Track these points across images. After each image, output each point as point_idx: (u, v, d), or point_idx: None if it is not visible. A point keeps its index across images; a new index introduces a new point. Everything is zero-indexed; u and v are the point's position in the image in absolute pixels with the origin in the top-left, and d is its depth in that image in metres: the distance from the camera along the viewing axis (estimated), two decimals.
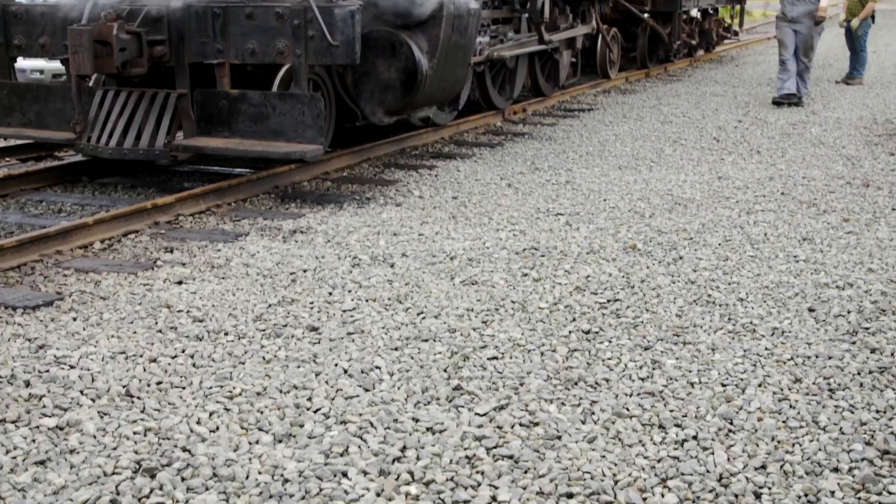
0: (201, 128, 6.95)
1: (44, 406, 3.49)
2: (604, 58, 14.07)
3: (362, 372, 3.79)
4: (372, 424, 3.35)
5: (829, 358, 3.95)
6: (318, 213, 6.52)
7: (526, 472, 3.05)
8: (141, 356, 3.96)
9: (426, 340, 4.14)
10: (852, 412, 3.47)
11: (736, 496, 2.91)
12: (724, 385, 3.69)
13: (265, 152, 6.68)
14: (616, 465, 3.10)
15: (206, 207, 6.56)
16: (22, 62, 10.09)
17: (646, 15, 15.29)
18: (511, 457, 3.13)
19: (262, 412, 3.45)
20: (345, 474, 3.02)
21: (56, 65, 11.11)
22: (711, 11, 19.03)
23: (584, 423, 3.39)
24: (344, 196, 7.01)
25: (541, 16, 10.24)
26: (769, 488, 2.96)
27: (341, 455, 3.14)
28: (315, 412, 3.46)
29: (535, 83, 11.63)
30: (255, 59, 6.80)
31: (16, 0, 7.57)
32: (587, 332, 4.26)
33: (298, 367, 3.86)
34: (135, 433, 3.29)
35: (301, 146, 6.61)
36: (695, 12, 17.92)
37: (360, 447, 3.19)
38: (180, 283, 4.98)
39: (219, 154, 7.11)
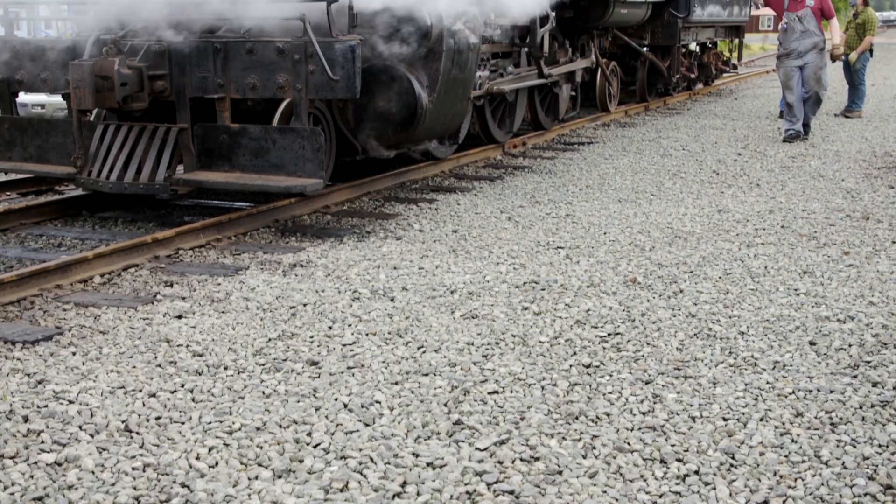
0: (202, 162, 6.97)
1: (42, 441, 3.47)
2: (603, 91, 14.14)
3: (362, 406, 3.77)
4: (372, 459, 3.33)
5: (831, 392, 3.94)
6: (319, 246, 6.53)
7: None
8: (140, 391, 3.95)
9: (426, 374, 4.13)
10: (854, 446, 3.45)
11: None
12: (725, 419, 3.68)
13: (265, 186, 6.69)
14: (618, 500, 3.07)
15: (207, 241, 6.56)
16: (23, 96, 10.13)
17: (645, 49, 15.37)
18: (512, 492, 3.11)
19: (261, 447, 3.44)
20: None
21: (57, 99, 11.16)
22: (710, 45, 19.13)
23: (585, 457, 3.37)
24: (344, 229, 7.01)
25: (540, 50, 10.28)
26: None
27: (341, 490, 3.13)
28: (315, 447, 3.44)
29: (535, 117, 11.67)
30: (256, 93, 6.83)
31: (17, 35, 7.61)
32: (588, 366, 4.24)
33: (298, 401, 3.84)
34: (133, 469, 3.27)
35: (301, 180, 6.62)
36: (693, 46, 18.01)
37: (359, 482, 3.17)
38: (180, 317, 4.97)
39: (219, 188, 7.12)
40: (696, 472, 3.25)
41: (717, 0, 17.49)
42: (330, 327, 4.77)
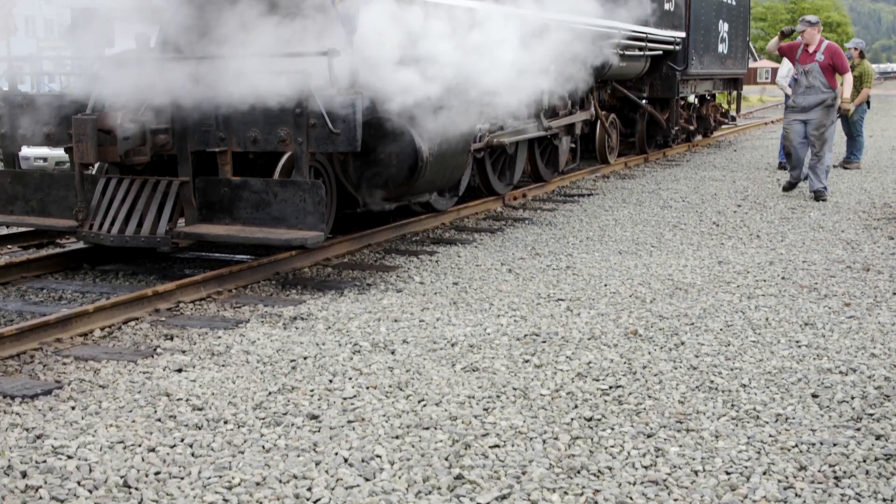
0: (203, 215, 6.99)
1: (40, 497, 3.45)
2: (602, 143, 14.22)
3: (363, 461, 3.75)
4: None
5: (834, 445, 3.91)
6: (319, 299, 6.52)
7: None
8: (139, 445, 3.92)
9: (427, 428, 4.11)
10: (859, 501, 3.42)
11: None
12: (728, 473, 3.65)
13: (267, 239, 6.71)
14: None
15: (207, 294, 6.56)
16: (25, 150, 10.19)
17: (644, 101, 15.48)
18: None
19: (261, 502, 3.41)
20: None
21: (59, 152, 11.23)
22: (709, 97, 19.27)
23: None
24: (345, 282, 7.01)
25: (540, 102, 10.35)
26: None
27: None
28: (315, 502, 3.41)
29: (535, 169, 11.73)
30: (257, 146, 6.88)
31: (20, 90, 7.68)
32: (589, 420, 4.22)
33: (298, 455, 3.82)
34: None
35: (302, 233, 6.64)
36: (692, 98, 18.15)
37: None
38: (180, 370, 4.96)
39: (220, 241, 7.14)
40: None
41: (715, 53, 17.66)
42: (330, 380, 4.75)
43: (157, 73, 6.99)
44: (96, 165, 7.51)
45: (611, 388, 4.63)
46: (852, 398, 4.47)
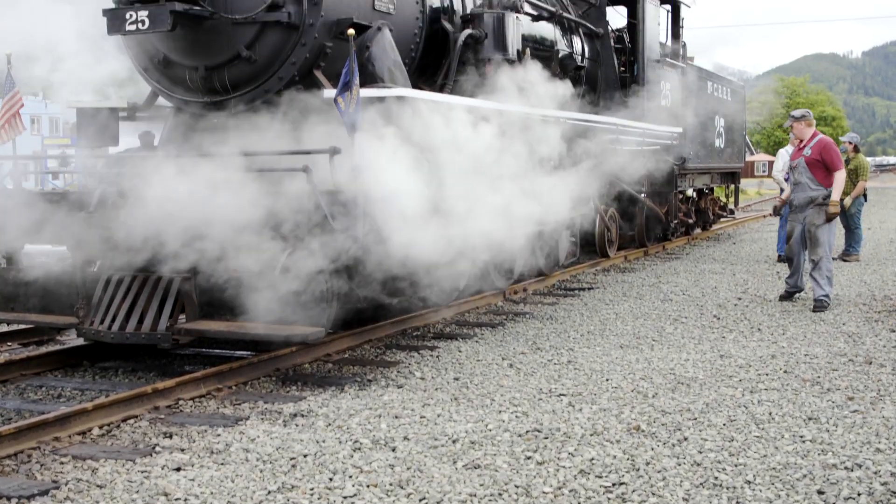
0: (204, 311, 6.99)
1: None
2: (602, 237, 14.29)
3: None
4: None
5: None
6: (320, 395, 6.49)
7: None
8: None
9: None
10: None
11: None
12: None
13: (268, 335, 6.69)
14: None
15: (207, 391, 6.53)
16: (27, 247, 10.24)
17: (642, 195, 15.61)
18: None
19: None
20: None
21: (61, 249, 11.28)
22: (707, 190, 19.44)
23: None
24: (345, 378, 6.98)
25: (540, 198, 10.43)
26: None
27: None
28: None
29: (535, 263, 11.75)
30: (259, 242, 6.90)
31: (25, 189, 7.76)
32: None
33: None
34: None
35: (303, 329, 6.63)
36: (690, 192, 18.31)
37: None
38: (178, 469, 4.90)
39: (221, 338, 7.12)
40: None
41: (712, 147, 17.88)
42: (330, 479, 4.70)
43: (160, 173, 7.08)
44: (98, 262, 7.54)
45: (614, 485, 4.58)
46: (859, 495, 4.41)
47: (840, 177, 10.19)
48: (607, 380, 6.85)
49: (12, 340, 8.56)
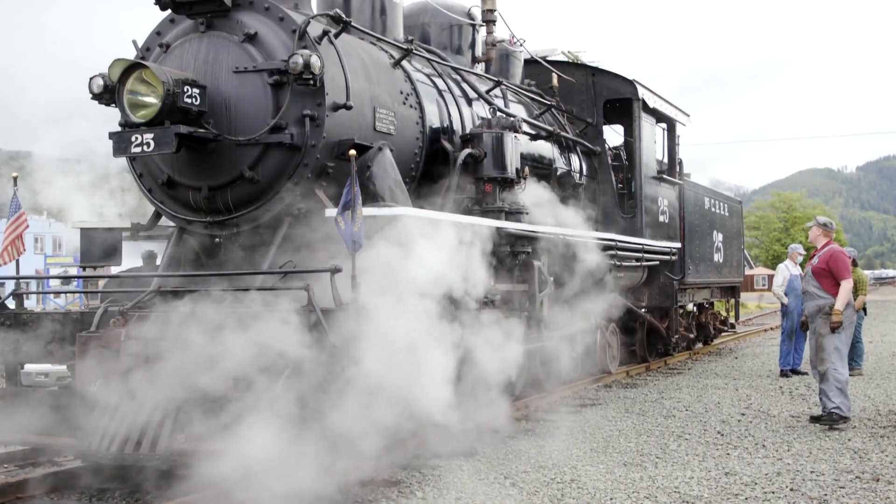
0: (204, 429, 6.92)
1: None
2: (603, 353, 14.25)
3: None
4: None
5: None
6: None
7: None
8: None
9: None
10: None
11: None
12: None
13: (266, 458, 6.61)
14: None
15: None
16: (28, 366, 10.22)
17: (643, 310, 15.63)
18: None
19: None
20: None
21: (61, 368, 11.25)
22: (707, 305, 19.47)
23: None
24: (347, 500, 6.88)
25: (540, 314, 10.46)
26: None
27: None
28: None
29: (537, 379, 11.70)
30: (258, 359, 6.89)
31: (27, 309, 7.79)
32: None
33: None
34: None
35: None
36: (691, 306, 18.33)
37: None
38: None
39: (221, 454, 7.04)
40: None
41: (711, 262, 17.99)
42: None
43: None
44: (98, 382, 7.51)
45: None
46: None
47: (846, 286, 9.98)
48: (611, 499, 6.76)
49: (9, 462, 8.45)
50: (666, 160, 16.56)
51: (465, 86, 10.90)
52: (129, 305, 7.28)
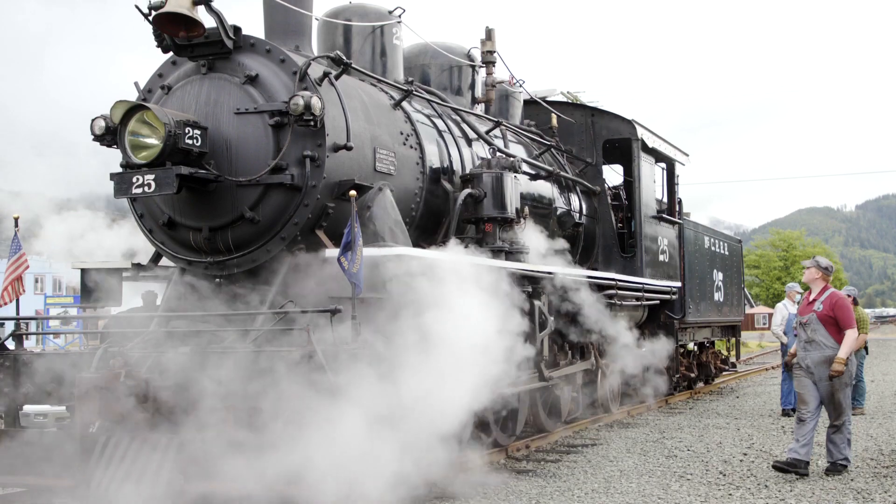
0: (203, 470, 6.89)
1: None
2: (604, 392, 14.20)
3: None
4: None
5: None
6: None
7: None
8: None
9: None
10: None
11: None
12: None
13: (269, 496, 6.59)
14: None
15: None
16: (26, 407, 10.20)
17: (644, 349, 15.59)
18: None
19: None
20: None
21: (59, 409, 11.21)
22: (708, 344, 19.43)
23: None
24: None
25: (540, 354, 10.44)
26: None
27: None
28: None
29: (537, 418, 11.66)
30: (260, 401, 6.88)
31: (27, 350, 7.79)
32: None
33: None
34: None
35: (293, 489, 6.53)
36: (691, 345, 18.30)
37: None
38: None
39: (221, 497, 7.00)
40: None
41: (711, 301, 17.99)
42: None
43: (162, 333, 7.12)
44: (97, 423, 7.49)
45: None
46: None
47: (853, 336, 9.37)
48: None
49: None
50: (665, 199, 16.61)
51: (464, 126, 10.96)
52: (128, 346, 7.26)
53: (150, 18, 7.79)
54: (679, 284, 16.01)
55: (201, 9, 7.73)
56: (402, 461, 7.95)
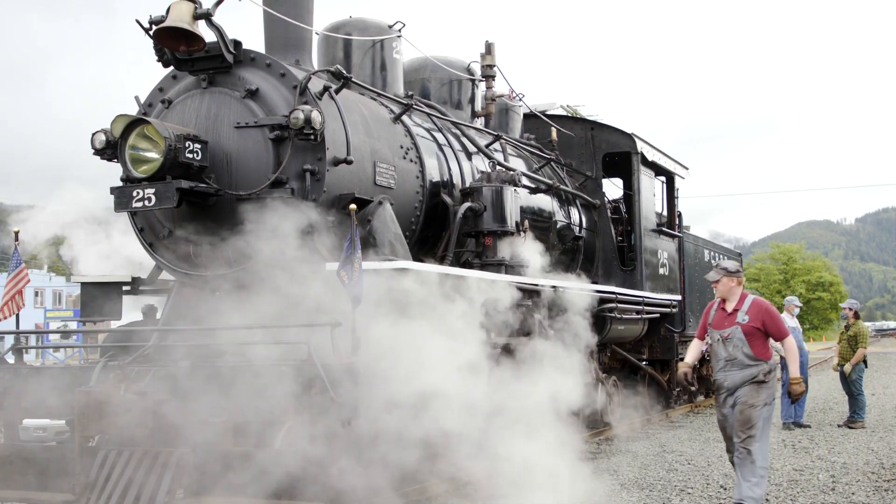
0: (203, 485, 6.88)
1: None
2: (604, 406, 14.16)
3: None
4: None
5: None
6: None
7: None
8: None
9: None
10: None
11: None
12: None
13: None
14: None
15: None
16: (26, 421, 10.19)
17: (644, 362, 15.58)
18: None
19: None
20: None
21: (59, 423, 11.20)
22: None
23: None
24: None
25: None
26: None
27: None
28: None
29: None
30: (260, 416, 6.87)
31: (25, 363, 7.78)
32: None
33: None
34: None
35: None
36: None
37: None
38: None
39: None
40: None
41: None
42: None
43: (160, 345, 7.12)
44: (97, 437, 7.48)
45: None
46: None
47: (790, 345, 8.17)
48: None
49: None
50: (665, 213, 16.62)
51: (464, 140, 10.98)
52: (128, 360, 7.26)
53: (151, 33, 7.81)
54: (679, 298, 16.00)
55: (202, 23, 7.76)
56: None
